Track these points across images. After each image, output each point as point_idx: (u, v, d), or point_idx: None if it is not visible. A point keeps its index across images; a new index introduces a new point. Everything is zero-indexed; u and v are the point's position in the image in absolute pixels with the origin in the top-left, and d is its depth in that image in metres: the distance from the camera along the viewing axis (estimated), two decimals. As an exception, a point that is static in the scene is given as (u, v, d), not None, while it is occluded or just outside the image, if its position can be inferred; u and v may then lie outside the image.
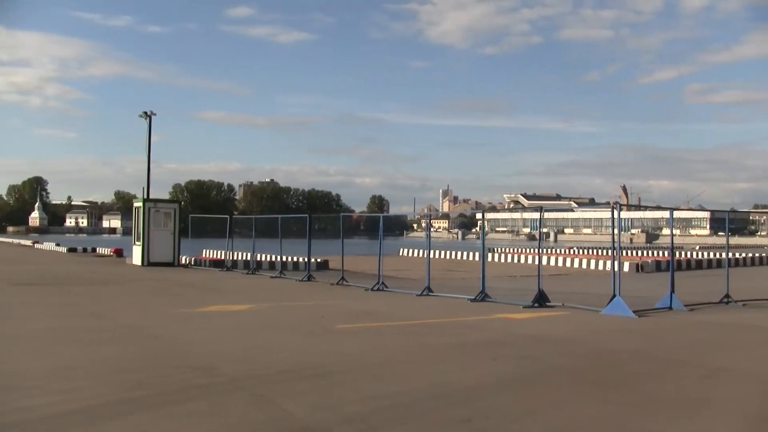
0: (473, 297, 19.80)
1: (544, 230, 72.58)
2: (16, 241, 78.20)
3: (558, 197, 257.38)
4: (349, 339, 12.80)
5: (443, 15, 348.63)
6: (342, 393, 8.27)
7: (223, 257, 36.20)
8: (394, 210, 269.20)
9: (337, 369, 9.69)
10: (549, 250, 58.55)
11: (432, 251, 26.52)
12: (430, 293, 21.25)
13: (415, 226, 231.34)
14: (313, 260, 30.17)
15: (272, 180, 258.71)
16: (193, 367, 9.64)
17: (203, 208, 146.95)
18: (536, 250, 56.88)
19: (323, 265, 34.73)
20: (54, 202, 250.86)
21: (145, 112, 42.00)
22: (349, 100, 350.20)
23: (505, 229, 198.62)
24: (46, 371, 9.21)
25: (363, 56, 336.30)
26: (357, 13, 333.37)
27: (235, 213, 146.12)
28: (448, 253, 55.01)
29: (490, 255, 47.68)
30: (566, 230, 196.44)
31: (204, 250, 46.23)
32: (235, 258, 34.56)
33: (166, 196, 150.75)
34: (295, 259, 36.15)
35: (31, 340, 11.84)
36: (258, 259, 33.54)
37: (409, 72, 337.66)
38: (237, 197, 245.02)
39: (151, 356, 10.49)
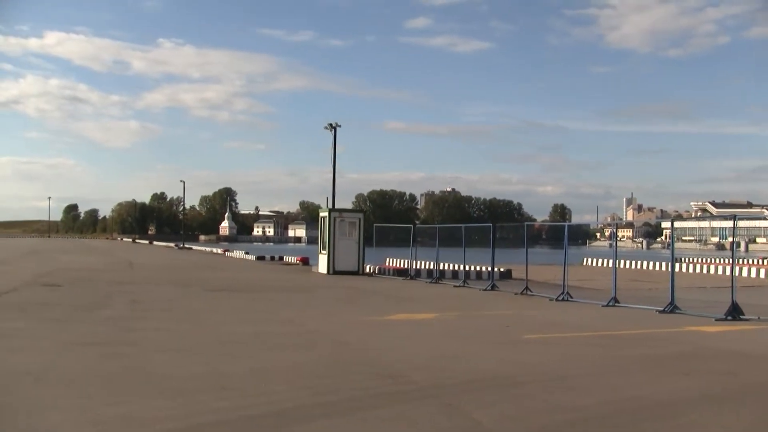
0: (662, 308, 19.23)
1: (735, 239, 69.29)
2: (208, 249, 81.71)
3: (749, 204, 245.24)
4: (536, 349, 12.70)
5: (624, 18, 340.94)
6: (530, 404, 8.22)
7: (406, 266, 36.58)
8: (576, 219, 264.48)
9: (525, 379, 9.64)
10: (741, 261, 56.10)
11: (616, 261, 25.88)
12: (617, 304, 20.77)
13: (597, 235, 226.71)
14: (496, 269, 30.04)
15: (453, 189, 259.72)
16: (382, 374, 9.80)
17: (385, 218, 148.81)
18: (726, 261, 54.97)
19: (506, 275, 34.47)
20: (242, 211, 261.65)
21: (330, 124, 43.20)
22: (530, 107, 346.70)
23: (692, 238, 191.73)
24: (242, 374, 9.57)
25: (543, 63, 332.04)
26: (536, 19, 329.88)
27: (417, 222, 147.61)
28: (633, 263, 53.63)
29: (677, 265, 46.08)
30: (758, 239, 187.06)
31: (387, 259, 46.83)
32: (418, 267, 34.82)
33: (350, 206, 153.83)
34: (477, 268, 36.09)
35: (226, 344, 12.34)
36: (441, 267, 33.67)
37: (590, 78, 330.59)
38: (419, 206, 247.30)
39: (341, 362, 10.73)
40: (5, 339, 12.36)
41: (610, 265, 35.77)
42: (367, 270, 35.65)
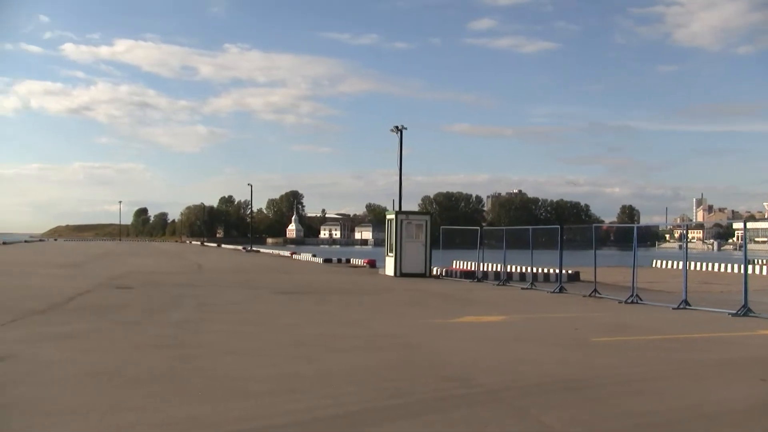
0: (734, 311, 18.86)
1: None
2: (275, 251, 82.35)
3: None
4: (605, 352, 12.55)
5: (692, 16, 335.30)
6: (600, 408, 8.14)
7: (473, 268, 36.46)
8: (644, 220, 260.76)
9: (594, 383, 9.56)
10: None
11: (687, 262, 25.46)
12: (687, 306, 20.43)
13: (667, 236, 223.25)
14: (563, 272, 29.78)
15: (520, 191, 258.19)
16: (450, 377, 9.79)
17: (452, 220, 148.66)
18: (803, 262, 53.59)
19: (574, 277, 34.11)
20: (309, 214, 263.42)
21: (397, 127, 43.23)
22: (596, 108, 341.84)
23: (765, 239, 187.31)
24: (310, 376, 9.65)
25: (609, 63, 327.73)
26: (601, 19, 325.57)
27: (484, 224, 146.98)
28: (703, 264, 52.69)
29: (750, 267, 45.13)
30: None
31: (454, 261, 46.76)
32: (485, 269, 34.67)
33: (416, 208, 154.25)
34: (545, 270, 35.81)
35: (294, 347, 12.45)
36: (508, 270, 33.46)
37: (658, 77, 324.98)
38: (485, 208, 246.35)
39: (408, 365, 10.75)
40: (79, 340, 12.67)
41: (680, 267, 35.25)
42: (434, 272, 35.57)
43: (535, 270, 32.70)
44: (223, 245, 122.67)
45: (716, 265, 51.63)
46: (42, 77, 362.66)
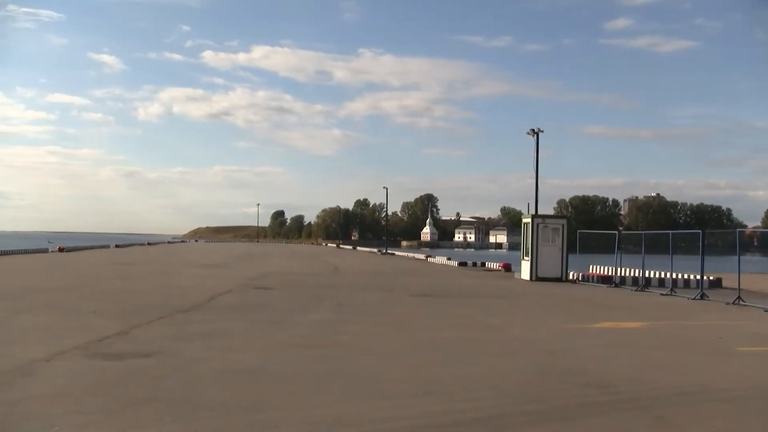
0: None
1: None
2: (410, 254, 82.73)
3: None
4: (752, 362, 12.15)
5: None
6: (748, 420, 7.90)
7: (610, 273, 35.76)
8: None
9: (741, 394, 9.26)
10: None
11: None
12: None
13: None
14: (705, 278, 28.86)
15: (658, 194, 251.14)
16: (589, 383, 9.66)
17: (587, 223, 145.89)
18: None
19: (716, 283, 33.03)
20: (443, 217, 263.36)
21: (533, 130, 42.80)
22: (739, 107, 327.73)
23: None
24: (448, 379, 9.70)
25: (752, 60, 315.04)
26: (743, 14, 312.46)
27: (620, 228, 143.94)
28: None
29: None
30: None
31: (590, 266, 46.01)
32: (622, 274, 33.96)
33: (550, 212, 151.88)
34: (685, 276, 34.77)
35: (431, 349, 12.50)
36: (646, 275, 32.67)
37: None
38: (621, 212, 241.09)
39: (546, 370, 10.66)
40: (223, 338, 13.06)
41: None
42: (571, 277, 35.14)
43: (674, 276, 31.81)
44: (358, 248, 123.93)
45: None
46: (183, 84, 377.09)
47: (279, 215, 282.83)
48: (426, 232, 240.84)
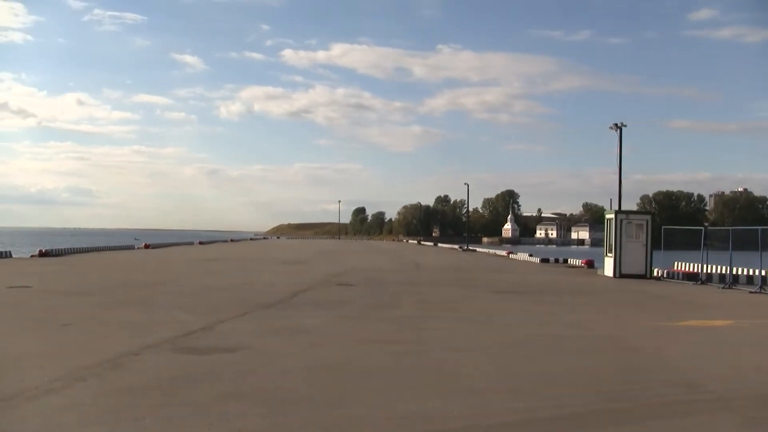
0: None
1: None
2: (491, 251, 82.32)
3: None
4: None
5: None
6: None
7: (696, 270, 35.07)
8: None
9: (837, 396, 8.99)
10: None
11: None
12: None
13: None
14: (796, 275, 28.10)
15: (745, 189, 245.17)
16: (676, 382, 9.51)
17: (672, 219, 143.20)
18: None
19: (808, 281, 32.13)
20: (524, 214, 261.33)
21: (615, 124, 42.19)
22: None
23: None
24: (530, 376, 9.66)
25: None
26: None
27: (706, 224, 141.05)
28: None
29: None
30: None
31: (675, 263, 45.18)
32: (709, 271, 33.27)
33: (633, 207, 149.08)
34: (775, 273, 33.90)
35: (514, 346, 12.47)
36: (734, 272, 31.94)
37: None
38: (707, 208, 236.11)
39: (630, 368, 10.54)
40: (306, 334, 13.21)
41: None
42: (655, 273, 34.55)
43: (764, 273, 30.99)
44: (439, 244, 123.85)
45: None
46: (264, 83, 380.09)
47: (360, 212, 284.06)
48: (507, 229, 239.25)
